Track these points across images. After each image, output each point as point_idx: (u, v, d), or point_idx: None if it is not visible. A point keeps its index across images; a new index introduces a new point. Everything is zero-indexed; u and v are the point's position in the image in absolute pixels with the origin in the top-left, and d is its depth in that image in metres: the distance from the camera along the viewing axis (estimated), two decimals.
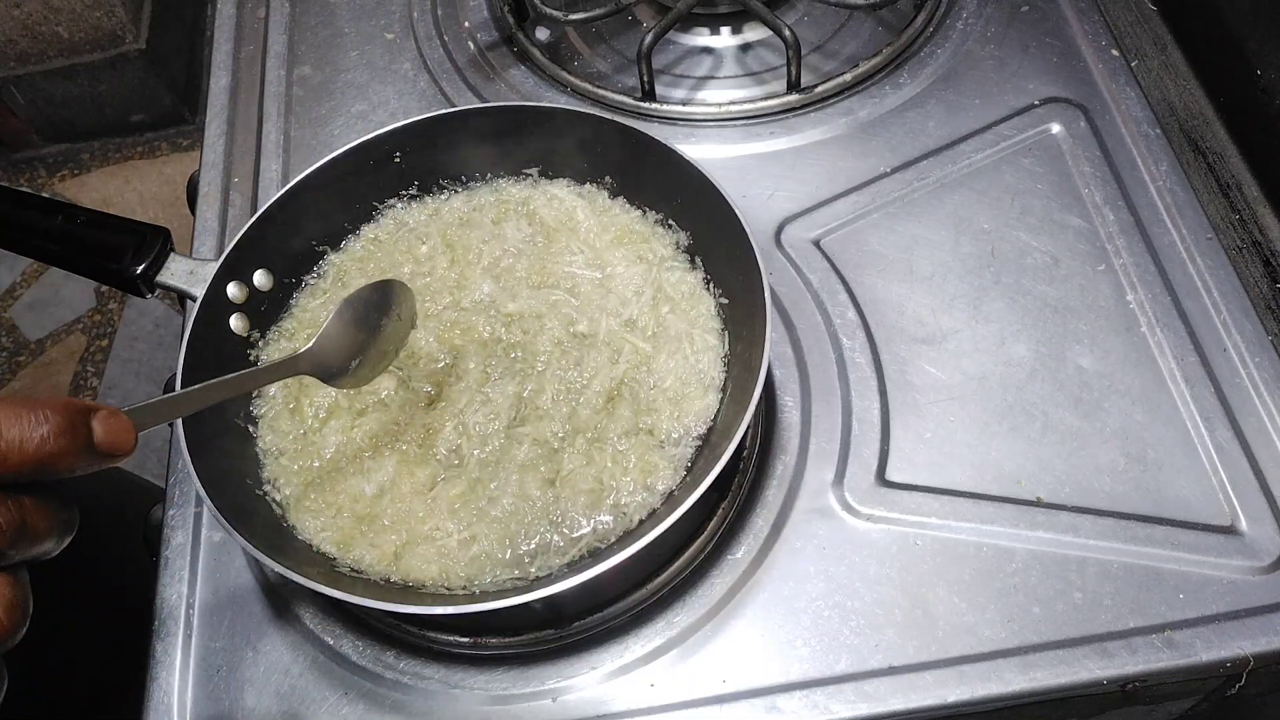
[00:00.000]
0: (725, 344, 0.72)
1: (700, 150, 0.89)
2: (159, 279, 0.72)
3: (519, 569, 0.65)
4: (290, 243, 0.77)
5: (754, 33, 0.98)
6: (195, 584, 0.73)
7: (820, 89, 0.90)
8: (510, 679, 0.67)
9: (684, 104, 0.92)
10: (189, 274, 0.72)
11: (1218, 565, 0.67)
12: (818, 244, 0.83)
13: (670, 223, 0.78)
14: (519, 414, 0.71)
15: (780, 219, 0.84)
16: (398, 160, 0.79)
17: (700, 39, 0.99)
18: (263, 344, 0.76)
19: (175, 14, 2.26)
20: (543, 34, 1.01)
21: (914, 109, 0.90)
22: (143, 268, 0.72)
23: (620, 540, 0.65)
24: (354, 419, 0.72)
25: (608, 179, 0.80)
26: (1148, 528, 0.68)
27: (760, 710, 0.64)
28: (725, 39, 0.98)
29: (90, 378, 1.99)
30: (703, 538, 0.69)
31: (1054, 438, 0.72)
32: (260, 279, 0.75)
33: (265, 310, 0.76)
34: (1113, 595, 0.66)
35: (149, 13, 2.18)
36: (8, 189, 0.76)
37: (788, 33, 0.87)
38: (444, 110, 0.78)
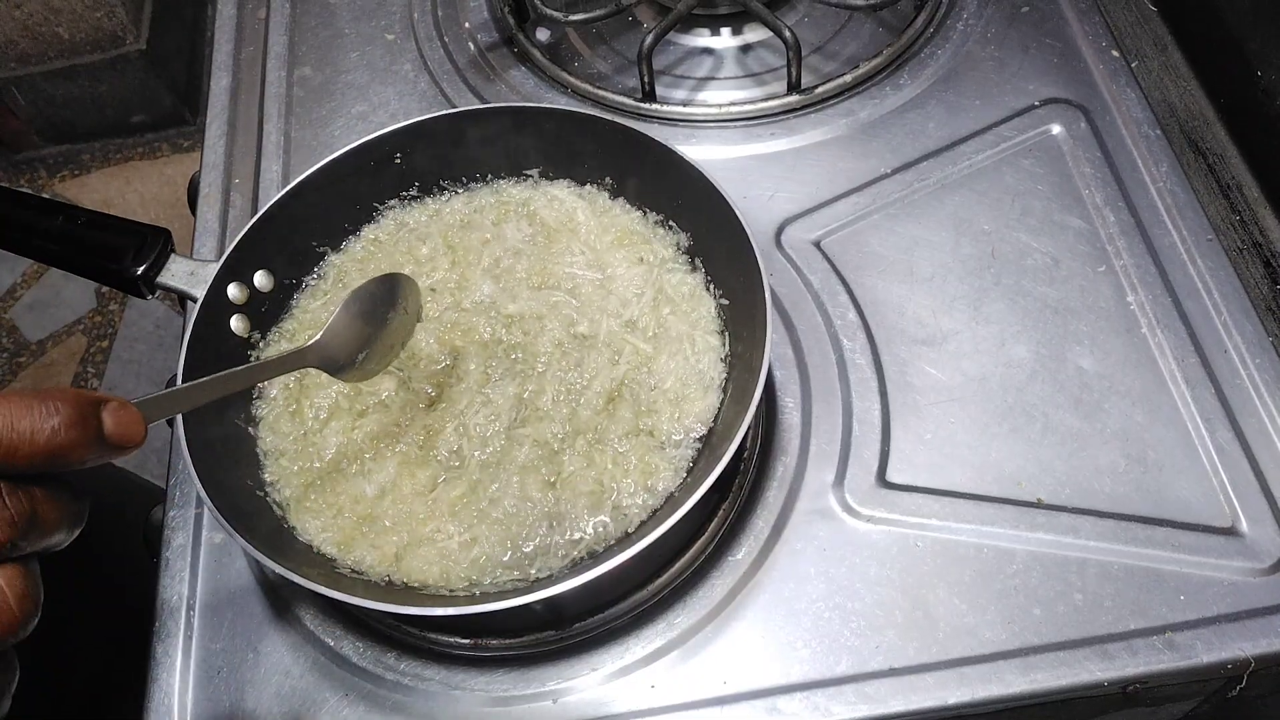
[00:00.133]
0: (726, 345, 0.72)
1: (701, 151, 0.89)
2: (159, 280, 0.72)
3: (519, 570, 0.65)
4: (291, 243, 0.77)
5: (754, 34, 0.98)
6: (196, 585, 0.73)
7: (820, 90, 0.90)
8: (511, 680, 0.67)
9: (684, 105, 0.92)
10: (189, 275, 0.73)
11: (1218, 567, 0.67)
12: (818, 245, 0.83)
13: (671, 224, 0.78)
14: (519, 415, 0.71)
15: (781, 220, 0.84)
16: (398, 161, 0.79)
17: (701, 40, 0.99)
18: (263, 345, 0.76)
19: (176, 15, 2.26)
20: (543, 35, 1.01)
21: (914, 110, 0.90)
22: (143, 269, 0.72)
23: (620, 542, 0.65)
24: (354, 420, 0.72)
25: (608, 180, 0.80)
26: (1148, 529, 0.68)
27: (761, 711, 0.64)
28: (726, 40, 0.98)
29: (90, 379, 1.99)
30: (703, 539, 0.69)
31: (1054, 439, 0.72)
32: (261, 280, 0.75)
33: (266, 311, 0.76)
34: (1113, 597, 0.66)
35: (149, 13, 2.18)
36: (8, 190, 0.76)
37: (788, 34, 0.87)
38: (444, 111, 0.78)
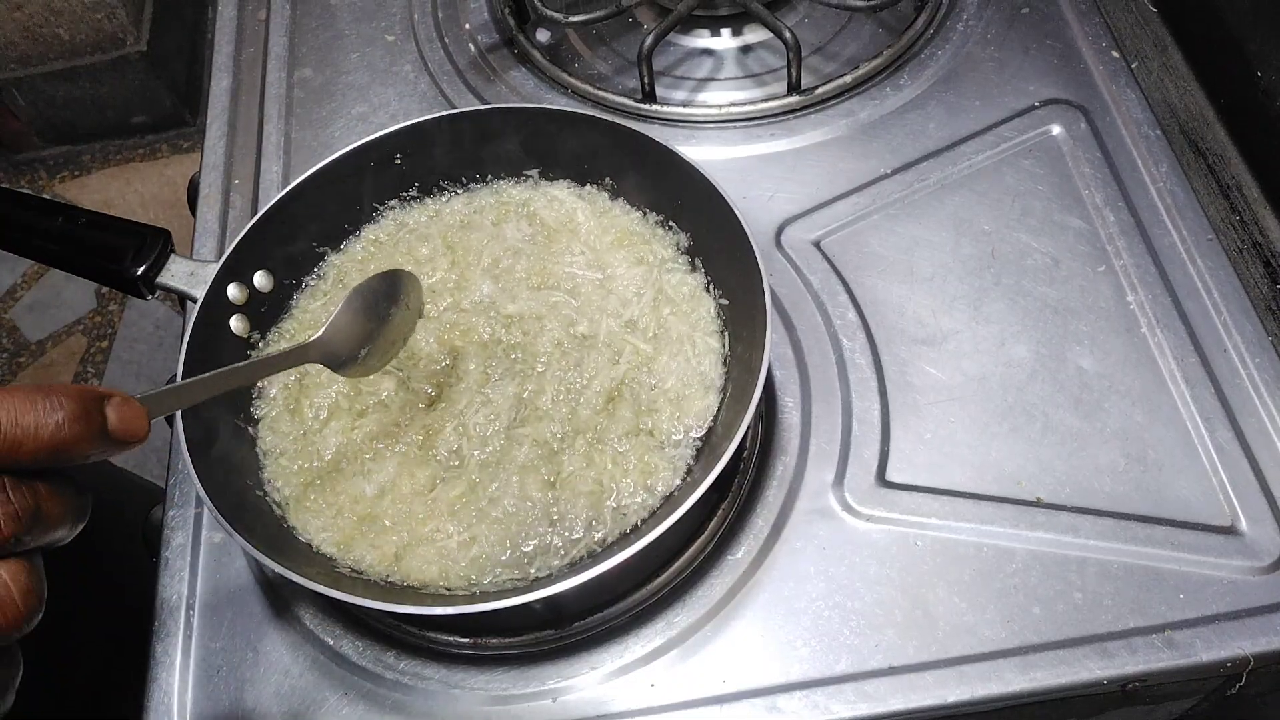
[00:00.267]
0: (725, 345, 0.72)
1: (701, 152, 0.89)
2: (159, 280, 0.72)
3: (519, 569, 0.65)
4: (291, 244, 0.77)
5: (754, 35, 0.98)
6: (195, 584, 0.73)
7: (821, 91, 0.91)
8: (510, 679, 0.67)
9: (684, 106, 0.92)
10: (189, 275, 0.73)
11: (1218, 565, 0.67)
12: (818, 245, 0.83)
13: (671, 224, 0.78)
14: (519, 415, 0.71)
15: (781, 220, 0.85)
16: (398, 162, 0.79)
17: (701, 41, 0.99)
18: (263, 345, 0.76)
19: (176, 16, 2.26)
20: (543, 36, 1.01)
21: (914, 110, 0.90)
22: (143, 269, 0.72)
23: (620, 541, 0.65)
24: (354, 420, 0.72)
25: (608, 180, 0.80)
26: (1148, 528, 0.68)
27: (760, 710, 0.64)
28: (726, 41, 0.98)
29: (90, 379, 1.99)
30: (703, 538, 0.69)
31: (1054, 438, 0.72)
32: (260, 280, 0.75)
33: (265, 311, 0.76)
34: (1113, 595, 0.66)
35: (150, 15, 2.18)
36: (8, 190, 0.76)
37: (788, 35, 0.87)
38: (444, 112, 0.78)
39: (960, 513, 0.70)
